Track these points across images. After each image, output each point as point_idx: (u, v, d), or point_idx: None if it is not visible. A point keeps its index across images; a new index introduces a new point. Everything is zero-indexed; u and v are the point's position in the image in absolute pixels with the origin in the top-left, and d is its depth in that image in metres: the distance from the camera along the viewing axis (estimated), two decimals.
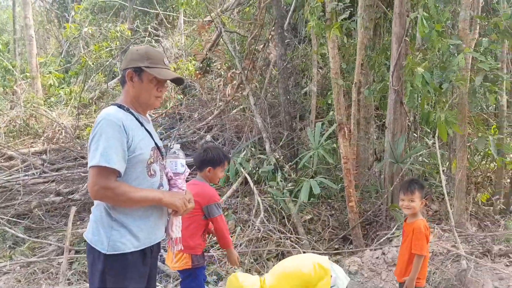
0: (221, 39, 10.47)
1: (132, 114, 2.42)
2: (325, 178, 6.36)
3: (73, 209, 5.68)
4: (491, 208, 6.14)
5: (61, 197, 6.99)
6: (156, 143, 2.50)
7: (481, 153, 6.72)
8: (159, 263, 4.94)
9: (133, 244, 2.32)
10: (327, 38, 5.32)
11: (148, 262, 2.45)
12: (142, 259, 2.39)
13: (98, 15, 16.34)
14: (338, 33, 4.91)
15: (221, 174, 3.43)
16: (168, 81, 2.53)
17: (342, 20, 6.15)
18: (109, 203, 2.30)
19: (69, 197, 6.97)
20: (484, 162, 6.89)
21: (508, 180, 6.58)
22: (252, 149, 7.41)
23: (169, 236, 2.57)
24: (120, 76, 2.53)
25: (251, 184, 6.43)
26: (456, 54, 5.06)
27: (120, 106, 2.41)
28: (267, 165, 6.79)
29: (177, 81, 2.56)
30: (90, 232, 2.36)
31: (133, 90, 2.43)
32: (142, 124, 2.44)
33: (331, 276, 3.16)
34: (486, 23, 6.16)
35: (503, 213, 6.03)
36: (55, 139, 10.14)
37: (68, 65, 14.95)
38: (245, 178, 6.68)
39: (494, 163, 6.39)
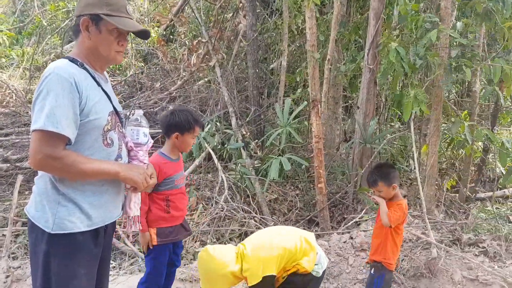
0: (187, 6, 9.89)
1: (87, 71, 2.03)
2: (306, 158, 6.13)
3: (20, 178, 5.17)
4: (457, 195, 6.13)
5: (8, 164, 6.42)
6: (114, 107, 2.14)
7: (448, 140, 6.69)
8: (114, 240, 4.59)
9: (83, 223, 1.99)
10: (305, 7, 4.99)
11: (100, 242, 2.12)
12: (94, 239, 2.07)
13: None
14: (318, 1, 4.59)
15: (191, 141, 3.01)
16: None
17: None
18: (55, 174, 1.94)
19: (17, 164, 6.40)
20: (450, 148, 6.87)
21: (474, 168, 6.60)
22: (217, 123, 7.05)
23: (126, 214, 2.25)
24: (73, 24, 2.11)
25: (215, 160, 6.10)
26: (430, 31, 4.88)
27: (72, 60, 2.00)
28: (234, 141, 6.45)
29: (142, 34, 2.17)
30: (33, 206, 2.00)
31: (88, 42, 2.04)
32: (98, 84, 2.07)
33: (316, 253, 2.92)
34: (465, 5, 6.03)
35: (469, 200, 6.03)
36: (4, 103, 9.37)
37: (21, 24, 13.88)
38: (209, 153, 6.33)
39: (461, 150, 6.37)
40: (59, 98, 1.85)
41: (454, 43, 4.88)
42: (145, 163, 2.20)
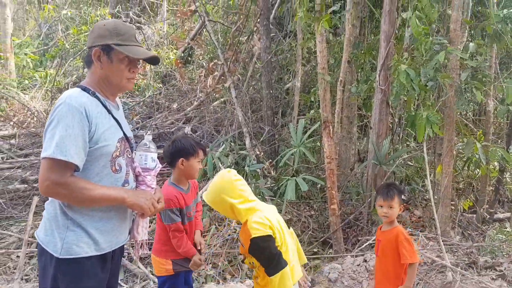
0: (204, 29, 10.11)
1: (98, 99, 2.11)
2: (318, 177, 6.12)
3: (35, 199, 5.24)
4: (474, 216, 6.01)
5: (26, 185, 6.57)
6: (124, 133, 2.21)
7: (464, 159, 6.59)
8: (126, 262, 4.64)
9: (90, 248, 2.04)
10: (315, 31, 5.07)
11: (108, 267, 2.16)
12: (102, 264, 2.11)
13: None
14: (327, 26, 4.66)
15: (197, 165, 2.94)
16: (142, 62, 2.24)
17: (331, 13, 5.90)
18: (62, 201, 2.01)
19: (34, 185, 6.53)
20: (466, 168, 6.77)
21: (491, 188, 6.47)
22: (232, 143, 7.11)
23: (134, 239, 2.29)
24: (85, 55, 2.19)
25: None
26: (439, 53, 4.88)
27: (84, 89, 2.09)
28: (249, 161, 6.46)
29: (152, 61, 2.24)
30: (42, 231, 2.06)
31: (101, 72, 2.12)
32: (109, 111, 2.14)
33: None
34: (475, 26, 6.03)
35: (486, 222, 5.91)
36: (25, 124, 9.62)
37: (45, 47, 14.37)
38: None
39: (477, 170, 6.26)
40: (69, 128, 1.92)
41: (466, 65, 4.86)
42: (152, 188, 2.24)
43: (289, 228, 2.68)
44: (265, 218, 2.48)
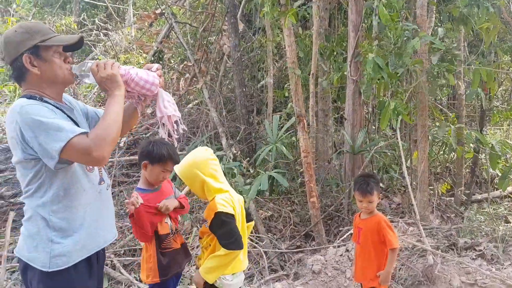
0: (172, 31, 9.99)
1: (48, 103, 2.02)
2: (285, 173, 6.08)
3: (12, 214, 5.13)
4: (452, 199, 6.08)
5: (2, 201, 6.42)
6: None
7: (439, 143, 6.66)
8: (109, 269, 4.59)
9: (78, 254, 2.02)
10: (282, 26, 5.03)
11: (95, 273, 2.16)
12: (89, 270, 2.10)
13: (43, 8, 15.38)
14: (294, 19, 4.61)
15: (161, 174, 2.83)
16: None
17: (297, 7, 5.88)
18: (113, 146, 1.96)
19: (11, 200, 6.41)
20: (442, 152, 6.85)
21: (468, 170, 6.56)
22: (208, 144, 7.04)
23: (162, 115, 2.28)
24: (11, 72, 2.07)
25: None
26: (411, 39, 4.88)
27: (30, 97, 2.00)
28: (226, 161, 6.39)
29: (79, 44, 2.15)
30: (25, 249, 2.01)
31: (40, 76, 2.02)
32: (64, 112, 2.07)
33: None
34: (441, 10, 6.08)
35: (465, 204, 5.97)
36: None
37: None
38: None
39: (453, 153, 6.34)
40: (49, 117, 1.87)
41: (434, 49, 4.89)
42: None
43: (248, 222, 2.77)
44: (231, 200, 2.57)
